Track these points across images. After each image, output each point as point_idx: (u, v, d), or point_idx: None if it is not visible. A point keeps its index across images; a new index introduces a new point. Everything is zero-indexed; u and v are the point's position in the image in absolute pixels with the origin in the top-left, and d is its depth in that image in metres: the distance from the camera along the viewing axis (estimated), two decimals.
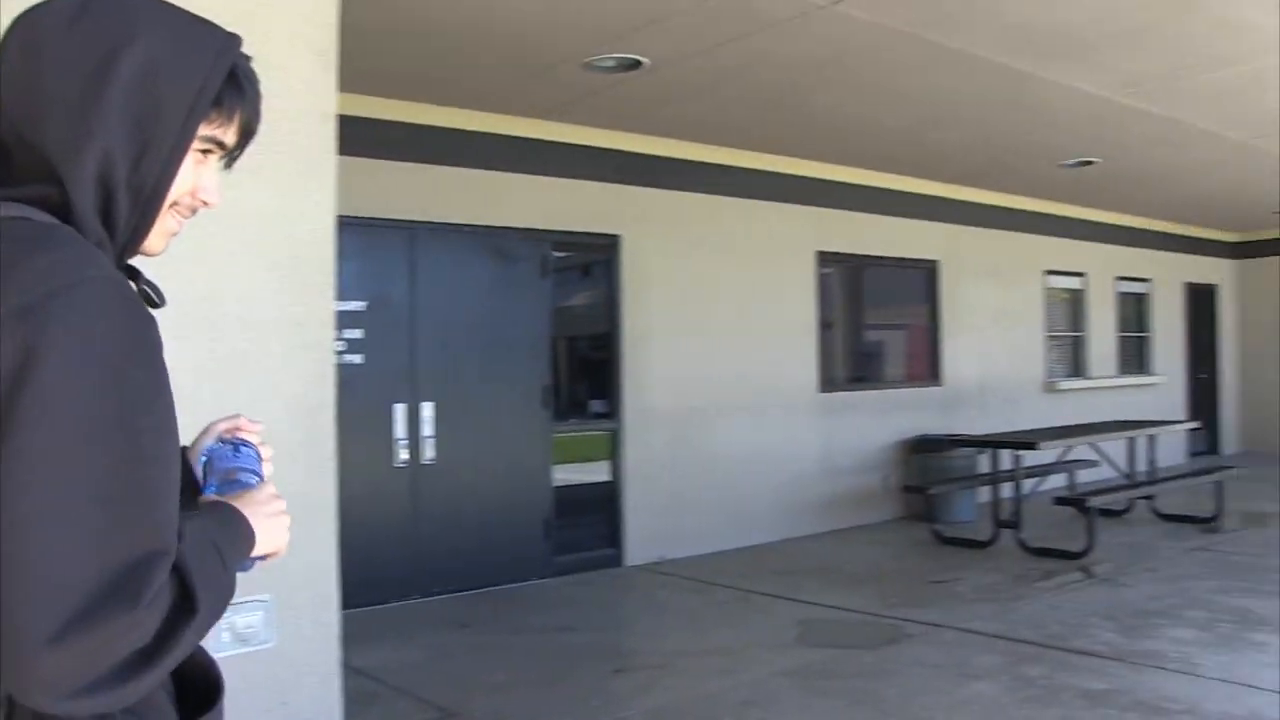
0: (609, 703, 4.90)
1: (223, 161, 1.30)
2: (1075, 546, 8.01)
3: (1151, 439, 10.03)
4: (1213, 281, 15.63)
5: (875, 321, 11.06)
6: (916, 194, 10.63)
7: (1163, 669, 5.20)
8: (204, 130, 1.24)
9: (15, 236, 1.08)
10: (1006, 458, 8.66)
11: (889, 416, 10.31)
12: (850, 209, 10.01)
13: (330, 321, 4.01)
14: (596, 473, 8.20)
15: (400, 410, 7.05)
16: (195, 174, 1.26)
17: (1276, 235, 15.30)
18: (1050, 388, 12.32)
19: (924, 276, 11.01)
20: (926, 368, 11.02)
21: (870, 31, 6.09)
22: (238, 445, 1.32)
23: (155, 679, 1.04)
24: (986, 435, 9.36)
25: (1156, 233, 14.23)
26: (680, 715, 4.71)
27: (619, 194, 8.26)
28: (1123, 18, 6.11)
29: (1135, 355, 14.12)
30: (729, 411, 8.89)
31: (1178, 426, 11.16)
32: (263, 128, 1.38)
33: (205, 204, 1.29)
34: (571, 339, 8.48)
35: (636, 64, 6.48)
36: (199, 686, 1.24)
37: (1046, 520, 9.21)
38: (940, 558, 8.31)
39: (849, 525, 9.77)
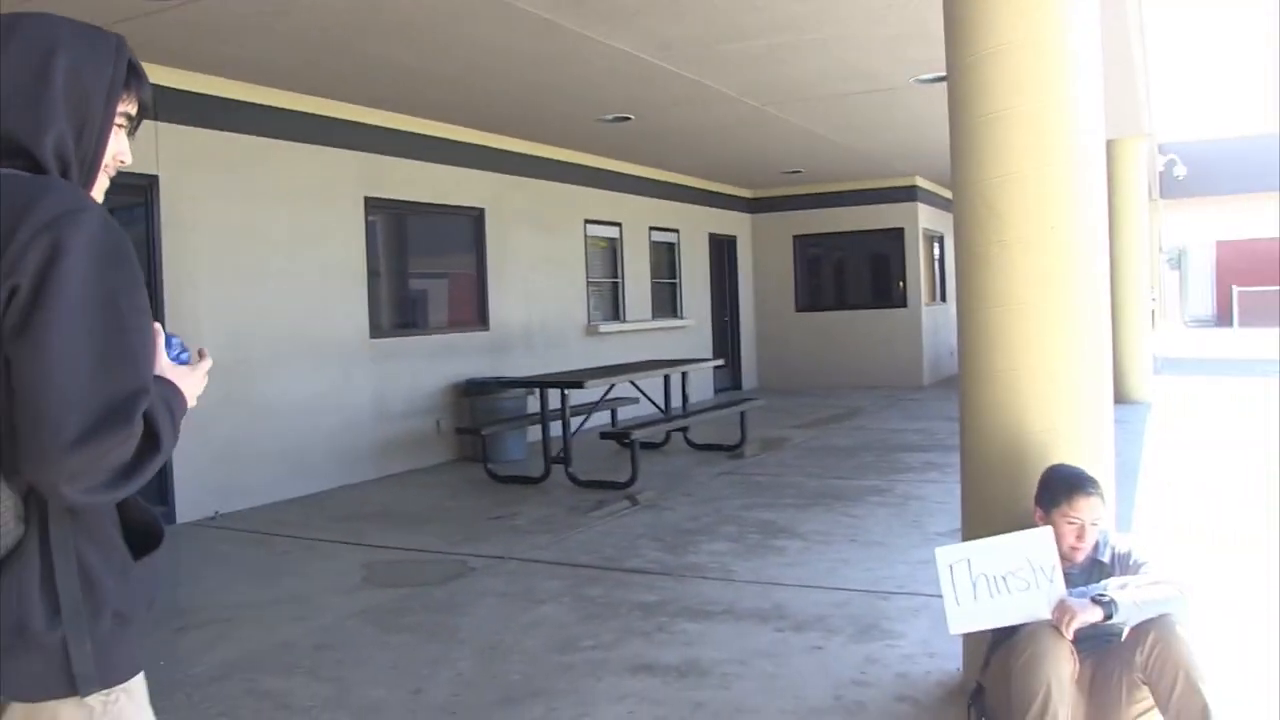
0: (177, 662, 4.69)
1: (130, 131, 1.74)
2: (621, 477, 8.62)
3: (684, 376, 10.94)
4: (732, 233, 17.19)
5: (424, 268, 11.17)
6: (464, 143, 10.81)
7: (704, 578, 5.79)
8: (120, 108, 1.67)
9: (21, 180, 1.51)
10: (555, 397, 9.10)
11: (440, 361, 10.48)
12: (399, 155, 10.00)
13: None
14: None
15: None
16: (115, 143, 1.69)
17: (785, 193, 17.16)
18: (592, 331, 13.04)
19: (471, 224, 11.23)
20: (475, 313, 11.28)
21: None
22: (170, 336, 1.73)
23: (134, 487, 1.49)
24: (535, 376, 9.78)
25: (685, 187, 15.42)
26: (254, 665, 4.62)
27: (157, 132, 7.73)
28: None
29: (667, 300, 15.27)
30: (282, 360, 8.66)
31: (706, 364, 12.23)
32: None
33: (123, 164, 1.73)
34: None
35: None
36: (142, 535, 1.68)
37: (593, 455, 9.83)
38: (496, 495, 8.63)
39: (406, 469, 9.88)
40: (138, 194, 7.72)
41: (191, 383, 1.73)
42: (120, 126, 1.69)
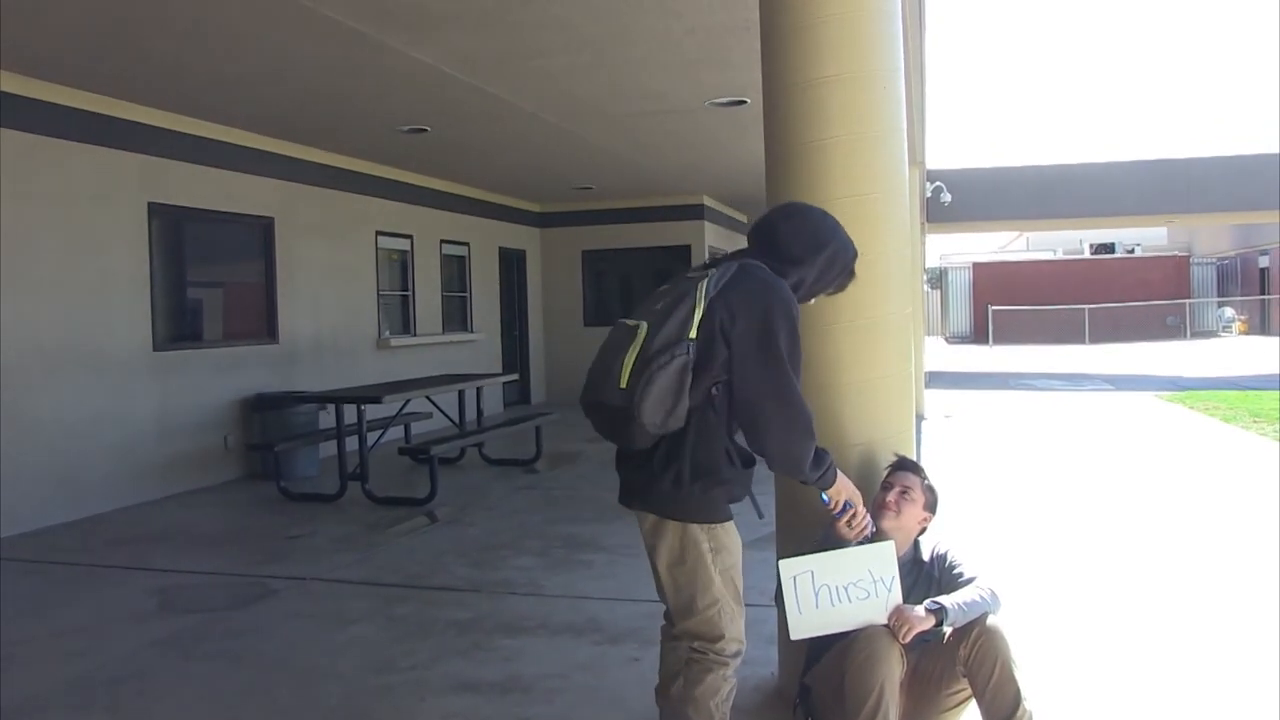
0: None
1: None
2: (419, 493, 8.52)
3: (479, 391, 10.88)
4: (522, 247, 17.20)
5: (211, 277, 10.71)
6: (254, 149, 10.46)
7: (514, 594, 5.79)
8: (846, 280, 3.23)
9: (762, 269, 3.01)
10: (349, 412, 8.90)
11: (227, 374, 10.08)
12: (184, 160, 9.58)
13: None
14: None
15: None
16: (834, 289, 3.25)
17: (575, 208, 17.31)
18: (383, 344, 12.80)
19: (260, 232, 10.85)
20: (264, 325, 10.90)
21: None
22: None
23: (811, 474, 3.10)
24: (332, 391, 9.52)
25: (476, 200, 15.34)
26: (47, 705, 4.33)
27: None
28: (469, 2, 6.55)
29: (458, 313, 15.13)
30: (53, 374, 8.14)
31: (499, 379, 12.19)
32: None
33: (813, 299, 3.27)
34: None
35: None
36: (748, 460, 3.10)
37: (388, 470, 9.67)
38: (291, 513, 8.36)
39: (192, 488, 9.45)
40: None
41: (850, 489, 3.33)
42: (840, 286, 3.24)
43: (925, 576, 3.54)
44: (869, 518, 3.36)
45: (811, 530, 3.67)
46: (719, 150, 12.11)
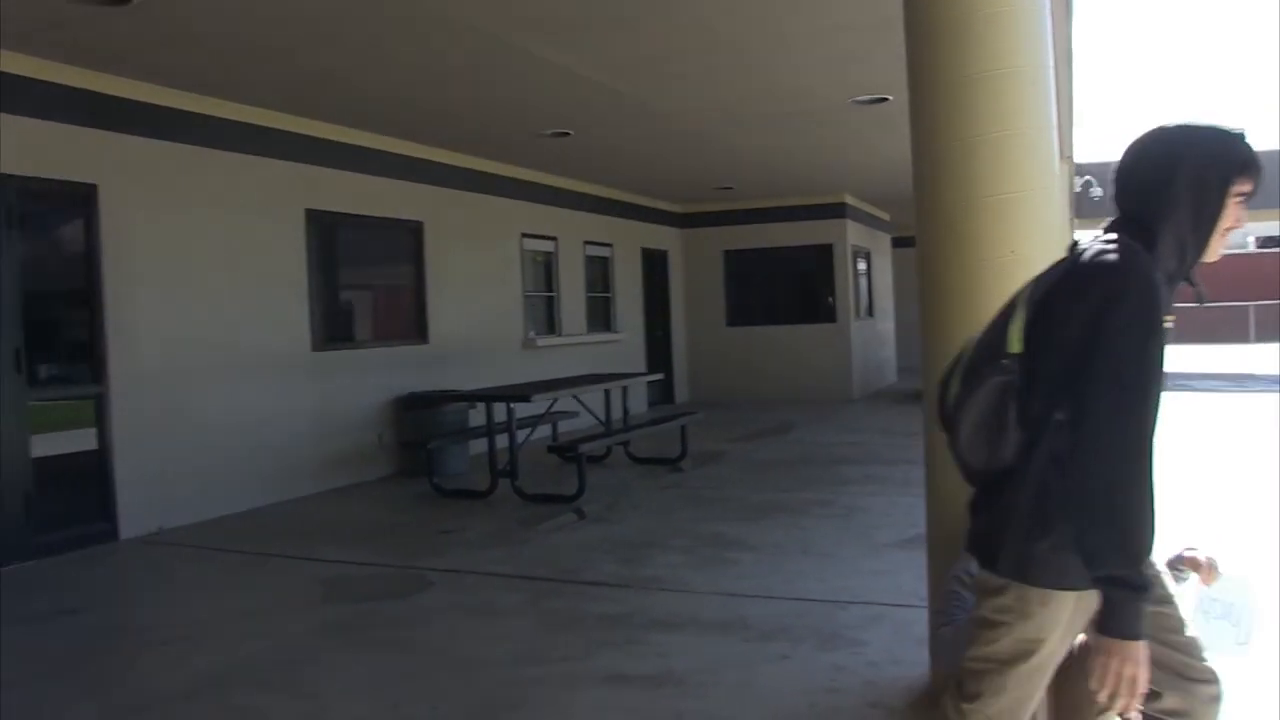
0: (143, 679, 4.65)
1: (1245, 201, 2.27)
2: (567, 490, 8.68)
3: (624, 390, 11.02)
4: (664, 248, 17.34)
5: (365, 281, 11.12)
6: (404, 155, 10.81)
7: (664, 590, 5.87)
8: (1236, 190, 2.24)
9: (1113, 244, 2.21)
10: (499, 410, 9.12)
11: (380, 374, 10.43)
12: (340, 168, 9.97)
13: None
14: (82, 441, 7.55)
15: None
16: (1231, 214, 2.25)
17: (716, 209, 17.38)
18: (529, 344, 13.08)
19: (411, 237, 11.21)
20: (414, 326, 11.25)
21: None
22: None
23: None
24: (483, 390, 9.77)
25: (618, 202, 15.54)
26: (223, 682, 4.59)
27: (95, 139, 7.63)
28: (610, 7, 6.67)
29: (601, 313, 15.35)
30: (224, 372, 8.57)
31: (644, 378, 12.31)
32: None
33: (1237, 227, 2.29)
34: (46, 296, 7.65)
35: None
36: None
37: (537, 468, 9.85)
38: (444, 509, 8.62)
39: (348, 483, 9.82)
40: (77, 203, 7.59)
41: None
42: (1238, 201, 2.24)
43: None
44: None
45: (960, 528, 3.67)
46: (861, 148, 12.02)
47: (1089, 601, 2.19)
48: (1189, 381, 19.78)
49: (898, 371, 21.12)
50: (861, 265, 18.44)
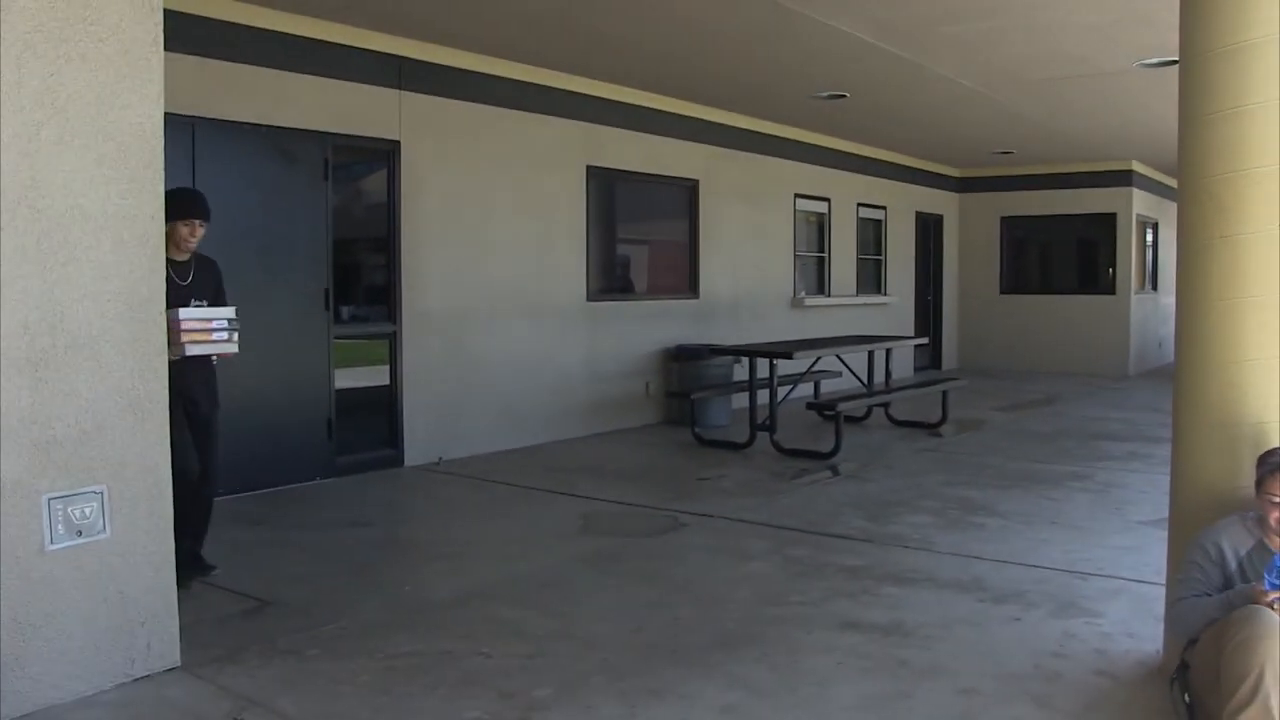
0: (421, 588, 5.19)
1: None
2: (823, 448, 8.83)
3: (888, 353, 11.02)
4: (939, 212, 17.03)
5: (639, 235, 11.55)
6: (680, 115, 11.12)
7: (906, 547, 5.95)
8: None
9: None
10: (762, 366, 9.35)
11: (650, 326, 10.86)
12: (619, 126, 10.39)
13: (160, 215, 4.05)
14: (377, 376, 8.32)
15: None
16: None
17: (995, 174, 16.89)
18: (797, 303, 13.21)
19: (685, 194, 11.54)
20: (685, 280, 11.61)
21: None
22: None
23: None
24: (746, 345, 10.03)
25: (894, 164, 15.37)
26: (488, 595, 5.06)
27: (399, 100, 8.31)
28: None
29: (872, 276, 15.29)
30: (502, 317, 9.18)
31: (910, 342, 12.22)
32: (88, 13, 1.62)
33: None
34: (351, 243, 8.47)
35: None
36: None
37: (795, 424, 10.03)
38: (702, 458, 8.95)
39: (614, 428, 10.31)
40: (382, 158, 8.31)
41: None
42: None
43: None
44: None
45: (1208, 513, 3.63)
46: (1149, 114, 11.41)
47: None
48: None
49: None
50: (1149, 236, 17.47)
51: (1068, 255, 17.07)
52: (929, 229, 16.88)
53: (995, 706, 3.73)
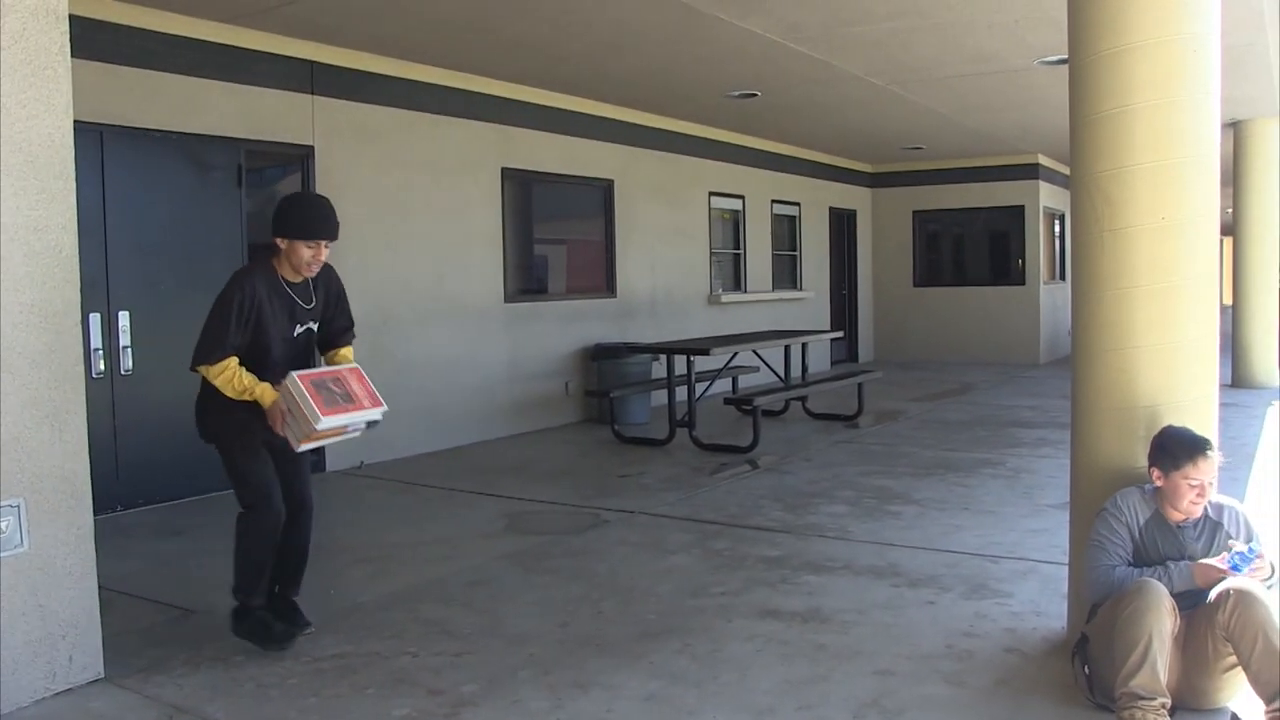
0: (346, 590, 5.22)
1: None
2: (742, 442, 8.98)
3: (804, 347, 11.21)
4: (853, 207, 17.33)
5: (555, 236, 11.61)
6: (595, 116, 11.21)
7: (823, 537, 6.11)
8: None
9: None
10: (680, 363, 9.47)
11: (569, 326, 10.93)
12: (533, 128, 10.44)
13: (72, 226, 4.04)
14: None
15: (95, 320, 6.85)
16: None
17: (906, 169, 17.23)
18: (714, 300, 13.37)
19: (601, 194, 11.63)
20: (603, 280, 11.70)
21: None
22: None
23: None
24: (664, 343, 10.15)
25: (806, 161, 15.62)
26: (414, 597, 5.10)
27: (313, 105, 8.28)
28: None
29: (787, 272, 15.51)
30: (423, 321, 9.19)
31: (825, 336, 12.45)
32: None
33: None
34: (267, 249, 8.36)
35: None
36: None
37: (714, 419, 10.18)
38: (623, 455, 9.05)
39: (536, 428, 10.37)
40: (295, 162, 8.28)
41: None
42: None
43: (1215, 528, 3.62)
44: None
45: (1108, 492, 3.82)
46: (1051, 109, 11.74)
47: None
48: None
49: None
50: (1056, 227, 17.97)
51: (979, 247, 17.48)
52: (843, 224, 17.18)
53: (909, 686, 3.87)
